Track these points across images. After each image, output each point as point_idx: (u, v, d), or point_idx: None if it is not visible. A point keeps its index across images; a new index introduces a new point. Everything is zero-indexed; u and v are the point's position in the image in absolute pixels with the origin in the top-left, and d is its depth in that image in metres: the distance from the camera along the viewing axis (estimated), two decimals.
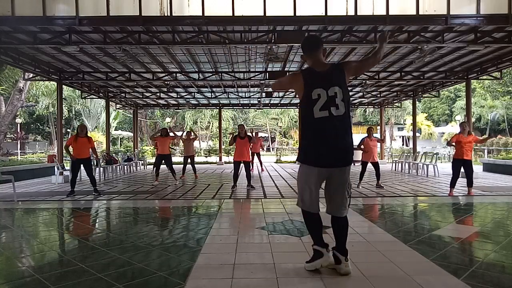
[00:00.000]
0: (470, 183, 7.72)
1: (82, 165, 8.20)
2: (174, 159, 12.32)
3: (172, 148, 15.92)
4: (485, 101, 35.68)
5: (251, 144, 9.29)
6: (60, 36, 8.26)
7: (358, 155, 9.91)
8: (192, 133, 12.06)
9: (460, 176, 7.81)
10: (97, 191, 8.21)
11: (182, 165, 11.98)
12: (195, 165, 12.45)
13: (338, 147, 2.89)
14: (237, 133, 8.97)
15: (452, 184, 7.76)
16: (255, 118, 44.70)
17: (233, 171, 9.09)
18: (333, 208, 3.01)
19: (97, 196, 7.88)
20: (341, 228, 3.02)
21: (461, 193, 7.97)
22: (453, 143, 7.75)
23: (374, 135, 9.47)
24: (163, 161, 10.07)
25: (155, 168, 10.31)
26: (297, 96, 18.13)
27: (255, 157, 15.09)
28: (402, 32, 8.45)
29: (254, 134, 13.86)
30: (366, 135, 9.23)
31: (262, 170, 14.63)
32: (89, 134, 8.55)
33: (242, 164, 8.88)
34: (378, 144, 11.08)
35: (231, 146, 9.53)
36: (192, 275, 2.99)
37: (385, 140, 9.07)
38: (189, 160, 11.87)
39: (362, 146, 9.13)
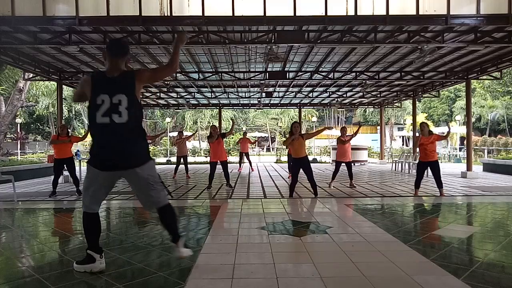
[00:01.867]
0: (439, 184, 7.52)
1: (65, 165, 8.20)
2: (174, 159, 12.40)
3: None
4: (485, 101, 35.71)
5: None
6: (60, 36, 8.26)
7: (359, 155, 9.97)
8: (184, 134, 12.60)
9: (461, 176, 7.76)
10: (80, 192, 8.06)
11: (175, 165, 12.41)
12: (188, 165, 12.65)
13: (115, 152, 2.91)
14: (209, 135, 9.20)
15: (417, 185, 7.67)
16: (255, 118, 44.70)
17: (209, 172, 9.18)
18: (150, 205, 3.10)
19: (80, 197, 7.85)
20: (168, 215, 3.10)
21: (460, 193, 7.98)
22: (417, 148, 7.60)
23: (371, 134, 9.45)
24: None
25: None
26: (297, 95, 18.18)
27: (243, 157, 15.15)
28: (402, 32, 8.45)
29: (243, 134, 13.99)
30: (340, 134, 9.30)
31: (252, 170, 14.63)
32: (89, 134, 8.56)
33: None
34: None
35: (231, 146, 9.69)
36: (192, 275, 2.99)
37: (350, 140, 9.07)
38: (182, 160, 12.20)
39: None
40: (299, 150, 7.20)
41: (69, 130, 8.66)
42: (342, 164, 9.24)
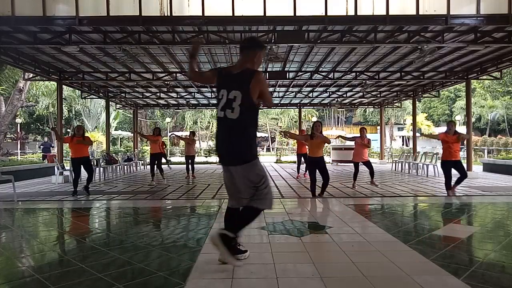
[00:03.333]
0: (459, 183, 7.55)
1: (82, 165, 8.19)
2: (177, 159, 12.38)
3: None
4: (485, 101, 35.70)
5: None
6: (60, 36, 8.26)
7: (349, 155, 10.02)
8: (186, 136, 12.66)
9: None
10: (88, 190, 8.07)
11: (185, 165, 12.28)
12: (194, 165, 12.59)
13: (224, 147, 3.06)
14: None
15: (448, 185, 7.59)
16: None
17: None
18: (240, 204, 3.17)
19: (88, 196, 7.83)
20: (244, 215, 3.10)
21: (460, 193, 7.97)
22: (438, 139, 7.63)
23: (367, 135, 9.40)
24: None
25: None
26: (297, 95, 18.14)
27: None
28: (402, 32, 8.45)
29: None
30: (359, 135, 9.26)
31: None
32: (89, 134, 8.56)
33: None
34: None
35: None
36: (192, 275, 2.99)
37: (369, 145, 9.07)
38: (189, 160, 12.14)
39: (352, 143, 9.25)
40: (316, 151, 7.14)
41: (85, 130, 8.66)
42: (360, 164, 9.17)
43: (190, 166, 12.03)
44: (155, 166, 10.25)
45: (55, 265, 3.44)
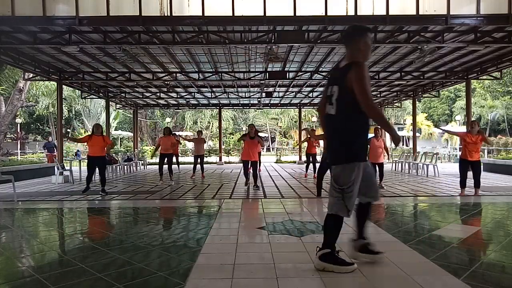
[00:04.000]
0: (477, 184, 7.46)
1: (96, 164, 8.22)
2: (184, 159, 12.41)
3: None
4: (485, 101, 35.67)
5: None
6: (60, 36, 8.26)
7: None
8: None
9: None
10: (105, 191, 8.10)
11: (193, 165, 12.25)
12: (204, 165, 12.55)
13: (327, 144, 3.03)
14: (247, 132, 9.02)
15: (462, 184, 7.55)
16: (255, 118, 44.67)
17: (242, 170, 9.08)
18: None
19: (104, 196, 7.84)
20: (327, 225, 3.02)
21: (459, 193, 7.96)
22: (458, 136, 7.62)
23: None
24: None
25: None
26: (297, 95, 18.16)
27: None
28: (402, 32, 8.45)
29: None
30: (373, 135, 9.10)
31: (260, 170, 14.60)
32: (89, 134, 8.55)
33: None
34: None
35: (231, 146, 9.58)
36: (192, 275, 2.99)
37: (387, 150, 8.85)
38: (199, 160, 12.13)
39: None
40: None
41: (103, 130, 8.58)
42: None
43: (200, 166, 12.02)
44: (165, 166, 10.05)
45: (55, 265, 3.44)
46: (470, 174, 7.54)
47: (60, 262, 3.53)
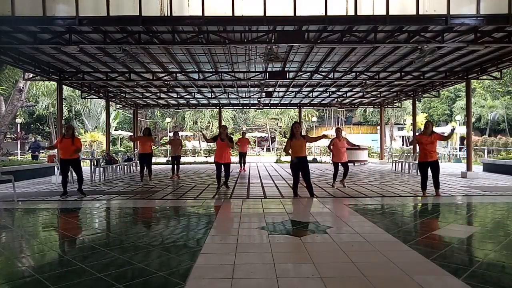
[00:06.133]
0: (436, 185, 7.56)
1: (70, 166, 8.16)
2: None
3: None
4: (485, 101, 35.68)
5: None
6: (60, 36, 8.25)
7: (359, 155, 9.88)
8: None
9: (461, 176, 7.73)
10: (82, 191, 8.00)
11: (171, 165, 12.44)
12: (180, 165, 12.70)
13: None
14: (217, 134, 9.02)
15: (423, 186, 7.62)
16: (255, 118, 44.69)
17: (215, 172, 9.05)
18: None
19: (82, 197, 7.78)
20: None
21: (461, 193, 7.97)
22: (415, 143, 7.69)
23: (370, 135, 9.45)
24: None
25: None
26: (297, 95, 18.14)
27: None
28: (402, 32, 8.44)
29: (242, 134, 13.91)
30: (335, 135, 9.31)
31: (244, 170, 14.55)
32: (89, 134, 8.52)
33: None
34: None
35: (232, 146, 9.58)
36: (192, 275, 2.99)
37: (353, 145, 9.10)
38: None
39: (331, 147, 9.22)
40: (299, 151, 7.23)
41: (74, 132, 8.44)
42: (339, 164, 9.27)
43: (176, 166, 12.17)
44: (145, 167, 10.26)
45: (55, 265, 3.45)
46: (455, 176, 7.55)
47: (60, 262, 3.54)
